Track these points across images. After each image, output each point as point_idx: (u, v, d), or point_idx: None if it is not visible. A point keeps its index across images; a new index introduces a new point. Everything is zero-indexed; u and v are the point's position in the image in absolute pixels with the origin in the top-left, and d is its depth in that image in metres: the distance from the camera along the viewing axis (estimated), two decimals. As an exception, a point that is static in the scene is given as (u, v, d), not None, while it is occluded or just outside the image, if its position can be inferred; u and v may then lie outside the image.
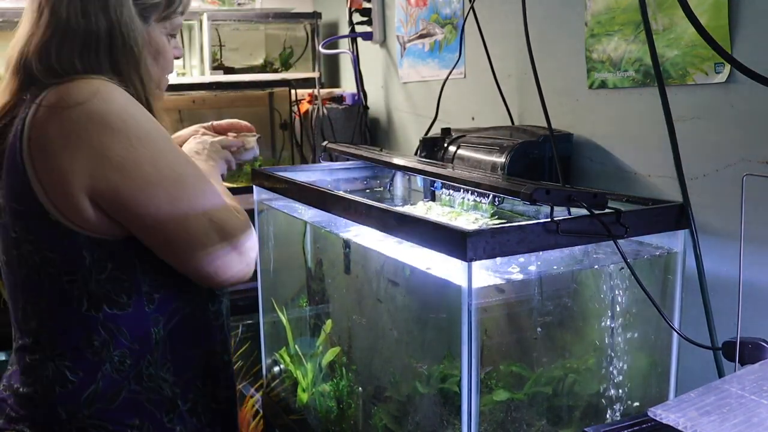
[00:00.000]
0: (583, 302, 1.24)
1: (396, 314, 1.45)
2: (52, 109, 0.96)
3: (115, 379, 1.05)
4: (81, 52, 1.01)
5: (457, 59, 1.90)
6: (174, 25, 1.12)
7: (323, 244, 1.82)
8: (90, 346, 1.03)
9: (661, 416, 0.75)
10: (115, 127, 0.95)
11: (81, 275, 1.01)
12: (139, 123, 0.98)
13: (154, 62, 1.10)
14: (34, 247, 1.01)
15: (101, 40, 1.01)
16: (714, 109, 1.22)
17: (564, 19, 1.53)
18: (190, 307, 1.12)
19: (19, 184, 0.98)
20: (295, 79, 2.63)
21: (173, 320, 1.09)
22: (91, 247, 1.00)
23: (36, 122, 0.97)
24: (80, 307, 1.02)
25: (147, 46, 1.07)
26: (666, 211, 1.14)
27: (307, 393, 1.67)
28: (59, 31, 1.00)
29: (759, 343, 0.95)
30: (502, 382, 1.18)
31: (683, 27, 1.25)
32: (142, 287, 1.04)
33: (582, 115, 1.51)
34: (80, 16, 1.00)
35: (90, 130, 0.95)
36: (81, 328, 1.03)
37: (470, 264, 0.96)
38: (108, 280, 1.02)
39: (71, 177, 0.95)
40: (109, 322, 1.03)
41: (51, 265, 1.01)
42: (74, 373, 1.03)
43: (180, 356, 1.11)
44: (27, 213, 0.99)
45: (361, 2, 2.41)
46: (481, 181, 1.25)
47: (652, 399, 1.23)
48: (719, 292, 1.15)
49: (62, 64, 1.00)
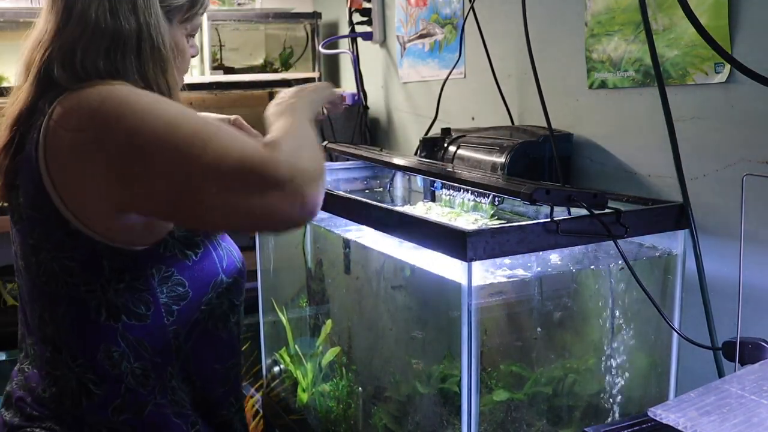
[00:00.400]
0: (583, 302, 1.24)
1: (396, 314, 1.45)
2: (65, 119, 0.94)
3: (140, 393, 1.03)
4: (107, 54, 0.99)
5: (457, 59, 1.90)
6: (194, 26, 1.12)
7: (323, 244, 1.82)
8: (109, 357, 1.01)
9: (661, 416, 0.75)
10: (128, 130, 0.91)
11: (99, 284, 1.00)
12: (154, 117, 0.91)
13: (175, 65, 1.09)
14: (52, 255, 0.99)
15: (129, 41, 0.99)
16: (714, 109, 1.22)
17: (564, 19, 1.53)
18: (212, 320, 1.10)
19: (37, 194, 0.97)
20: (295, 79, 2.63)
21: (195, 334, 1.08)
22: (110, 256, 0.99)
23: (50, 132, 0.95)
24: (99, 317, 1.01)
25: (174, 47, 1.06)
26: (666, 211, 1.15)
27: (307, 393, 1.68)
28: (87, 32, 0.98)
29: (759, 343, 0.96)
30: (502, 382, 1.18)
31: (683, 27, 1.25)
32: (160, 298, 1.03)
33: (582, 115, 1.51)
34: (109, 17, 0.98)
35: (103, 139, 0.92)
36: (99, 338, 1.01)
37: (470, 264, 0.97)
38: (126, 290, 1.00)
39: (90, 187, 0.93)
40: (129, 333, 1.02)
41: (69, 274, 0.99)
42: (98, 386, 1.02)
43: (207, 371, 1.11)
44: (46, 221, 0.98)
45: (361, 2, 2.41)
46: (481, 181, 1.25)
47: (652, 399, 1.23)
48: (719, 292, 1.15)
49: (85, 67, 0.98)
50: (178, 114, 0.92)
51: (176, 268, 1.04)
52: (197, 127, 0.90)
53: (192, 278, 1.06)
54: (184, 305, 1.05)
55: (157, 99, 0.96)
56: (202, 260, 1.08)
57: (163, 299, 1.03)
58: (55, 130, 0.94)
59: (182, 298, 1.05)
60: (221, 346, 1.13)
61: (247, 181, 0.87)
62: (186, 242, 1.06)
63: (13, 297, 2.39)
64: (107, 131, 0.91)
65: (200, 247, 1.08)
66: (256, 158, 0.87)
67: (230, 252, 1.14)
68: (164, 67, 1.03)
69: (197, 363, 1.09)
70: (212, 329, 1.10)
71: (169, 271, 1.03)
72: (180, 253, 1.05)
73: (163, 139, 0.89)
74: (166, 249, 1.03)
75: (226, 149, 0.88)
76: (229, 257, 1.13)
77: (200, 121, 0.92)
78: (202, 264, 1.08)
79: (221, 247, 1.12)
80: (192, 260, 1.06)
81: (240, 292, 1.16)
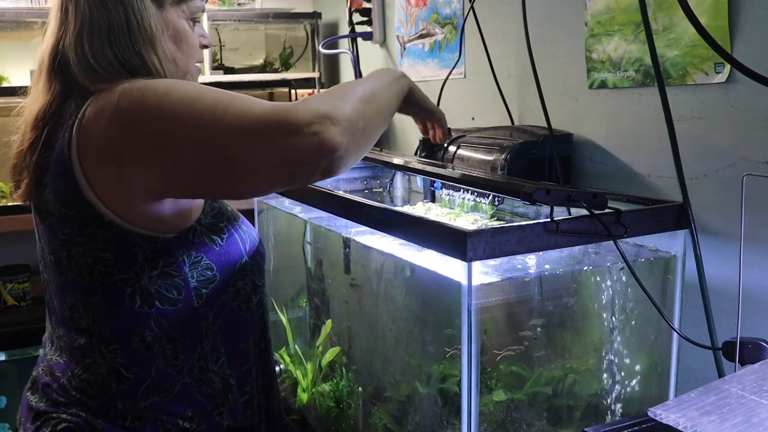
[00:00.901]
0: (583, 302, 1.24)
1: (396, 314, 1.45)
2: (95, 119, 0.99)
3: (169, 374, 1.08)
4: (110, 44, 1.04)
5: (457, 59, 1.90)
6: (192, 9, 1.14)
7: (323, 243, 1.82)
8: (143, 341, 1.06)
9: (661, 416, 0.75)
10: (152, 113, 0.96)
11: (134, 272, 1.04)
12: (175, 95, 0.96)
13: (177, 49, 1.12)
14: (85, 249, 1.04)
15: (122, 28, 1.04)
16: (714, 109, 1.22)
17: (564, 19, 1.53)
18: (237, 301, 1.15)
19: (70, 193, 1.01)
20: (295, 79, 2.63)
21: (222, 315, 1.13)
22: (143, 245, 1.03)
23: (81, 133, 0.99)
24: (133, 304, 1.05)
25: (164, 31, 1.10)
26: (666, 211, 1.15)
27: (307, 393, 1.68)
28: (86, 26, 1.04)
29: (759, 343, 0.96)
30: (502, 382, 1.18)
31: (683, 27, 1.25)
32: (191, 283, 1.08)
33: (582, 115, 1.51)
34: (101, 8, 1.04)
35: (131, 129, 0.97)
36: (134, 324, 1.06)
37: (470, 264, 0.97)
38: (159, 277, 1.05)
39: (125, 180, 0.98)
40: (161, 318, 1.06)
41: (104, 265, 1.04)
42: (129, 369, 1.07)
43: (232, 349, 1.15)
44: (78, 217, 1.02)
45: (361, 2, 2.41)
46: (481, 181, 1.25)
47: (652, 399, 1.23)
48: (719, 292, 1.15)
49: (96, 58, 1.03)
50: (197, 88, 0.97)
51: (205, 252, 1.10)
52: (217, 95, 0.95)
53: (219, 262, 1.11)
54: (213, 288, 1.10)
55: (174, 81, 1.01)
56: (227, 244, 1.13)
57: (194, 283, 1.08)
58: (86, 131, 0.99)
59: (211, 281, 1.10)
60: (244, 326, 1.17)
61: (268, 132, 0.90)
62: (212, 228, 1.12)
63: (13, 297, 2.39)
64: (134, 121, 0.96)
65: (225, 231, 1.14)
66: (277, 110, 0.91)
67: (250, 234, 1.20)
68: (153, 45, 1.07)
69: (224, 343, 1.13)
70: (236, 310, 1.15)
71: (199, 256, 1.09)
72: (208, 239, 1.10)
73: (186, 111, 0.94)
74: (195, 235, 1.09)
75: (248, 108, 0.92)
76: (251, 239, 1.19)
77: (220, 91, 0.96)
78: (228, 248, 1.13)
79: (242, 230, 1.18)
80: (219, 245, 1.12)
81: (261, 273, 1.21)
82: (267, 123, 0.90)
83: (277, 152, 0.90)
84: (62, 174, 1.01)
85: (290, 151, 0.89)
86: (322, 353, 1.65)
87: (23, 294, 2.40)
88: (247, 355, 1.18)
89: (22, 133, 1.08)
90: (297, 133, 0.88)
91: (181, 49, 1.13)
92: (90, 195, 1.00)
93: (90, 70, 1.02)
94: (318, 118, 0.89)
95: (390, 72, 1.15)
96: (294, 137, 0.89)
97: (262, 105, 0.92)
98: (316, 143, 0.89)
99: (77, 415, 1.07)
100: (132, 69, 1.03)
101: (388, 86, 1.10)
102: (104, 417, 1.07)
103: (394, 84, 1.13)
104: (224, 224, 1.14)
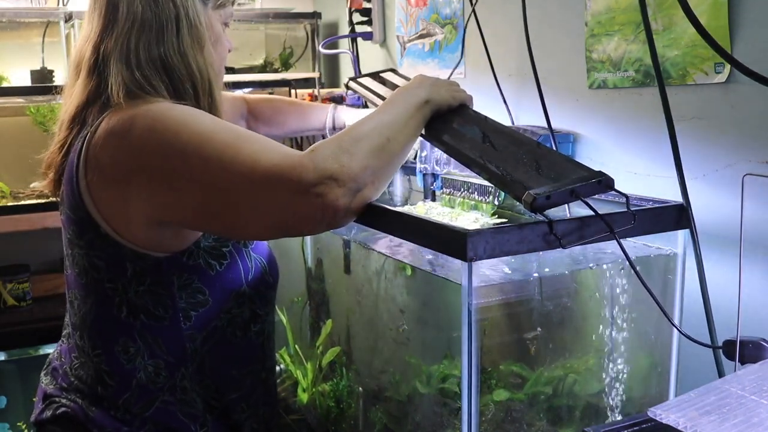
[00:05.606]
0: (583, 302, 1.24)
1: (396, 314, 1.45)
2: (106, 138, 0.99)
3: (149, 390, 1.07)
4: (157, 41, 1.05)
5: (458, 59, 1.90)
6: (227, 14, 1.16)
7: (323, 244, 1.82)
8: (126, 351, 1.07)
9: (661, 416, 0.75)
10: (162, 145, 0.95)
11: (122, 284, 1.05)
12: (187, 131, 0.95)
13: (214, 51, 1.13)
14: (84, 252, 1.06)
15: (170, 23, 1.06)
16: (714, 109, 1.22)
17: (564, 19, 1.53)
18: (232, 327, 1.13)
19: (74, 198, 1.03)
20: (295, 79, 2.63)
21: (213, 339, 1.11)
22: (133, 260, 1.03)
23: (91, 148, 1.00)
24: (120, 313, 1.06)
25: (210, 29, 1.11)
26: (666, 211, 1.14)
27: (307, 393, 1.68)
28: (137, 23, 1.04)
29: (759, 342, 0.96)
30: (502, 382, 1.18)
31: (683, 27, 1.25)
32: (179, 303, 1.06)
33: (582, 115, 1.51)
34: (153, 6, 1.05)
35: (139, 156, 0.97)
36: (119, 332, 1.06)
37: (470, 264, 0.96)
38: (146, 293, 1.05)
39: (127, 201, 0.99)
40: (146, 332, 1.06)
41: (96, 271, 1.05)
42: (111, 377, 1.07)
43: (221, 374, 1.13)
44: (80, 222, 1.04)
45: (361, 2, 2.41)
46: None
47: (652, 399, 1.23)
48: (719, 292, 1.15)
49: (140, 57, 1.03)
50: (211, 128, 0.96)
51: (198, 276, 1.07)
52: (229, 137, 0.94)
53: (213, 287, 1.09)
54: (203, 311, 1.09)
55: (190, 112, 1.00)
56: (226, 271, 1.10)
57: (182, 304, 1.07)
58: (95, 147, 1.00)
59: (202, 304, 1.08)
60: (239, 353, 1.15)
61: (275, 187, 0.90)
62: (212, 252, 1.09)
63: (13, 297, 2.39)
64: (143, 152, 0.96)
65: (227, 257, 1.10)
66: (286, 164, 0.90)
67: (258, 261, 1.16)
68: (201, 44, 1.08)
69: (213, 367, 1.12)
70: (230, 336, 1.13)
71: (190, 279, 1.07)
72: (204, 263, 1.08)
73: (195, 153, 0.93)
74: (189, 258, 1.06)
75: (257, 158, 0.91)
76: (257, 268, 1.15)
77: (233, 132, 0.95)
78: (227, 274, 1.10)
79: (249, 258, 1.14)
80: (216, 270, 1.09)
81: (265, 303, 1.18)
82: (273, 178, 0.90)
83: (280, 207, 0.91)
84: (69, 180, 1.04)
85: (294, 207, 0.90)
86: (322, 353, 1.65)
87: (23, 294, 2.40)
88: (239, 383, 1.15)
89: (58, 130, 1.11)
90: (303, 192, 0.89)
91: (217, 52, 1.15)
92: (90, 207, 1.02)
93: (127, 72, 1.03)
94: (324, 179, 0.89)
95: (414, 95, 1.09)
96: (299, 196, 0.89)
97: (270, 154, 0.91)
98: (319, 204, 0.90)
99: (75, 401, 1.09)
100: (172, 71, 1.04)
101: (406, 123, 1.05)
102: (98, 406, 1.08)
103: (416, 116, 1.08)
104: (228, 249, 1.11)
